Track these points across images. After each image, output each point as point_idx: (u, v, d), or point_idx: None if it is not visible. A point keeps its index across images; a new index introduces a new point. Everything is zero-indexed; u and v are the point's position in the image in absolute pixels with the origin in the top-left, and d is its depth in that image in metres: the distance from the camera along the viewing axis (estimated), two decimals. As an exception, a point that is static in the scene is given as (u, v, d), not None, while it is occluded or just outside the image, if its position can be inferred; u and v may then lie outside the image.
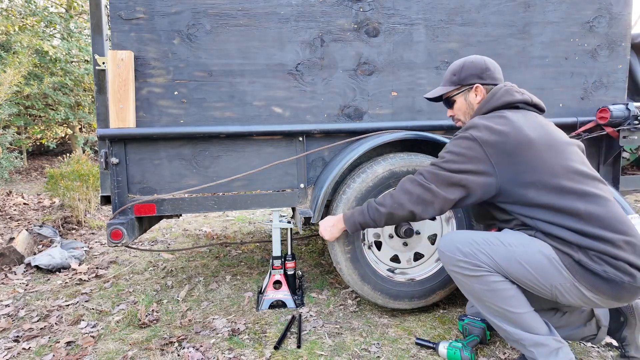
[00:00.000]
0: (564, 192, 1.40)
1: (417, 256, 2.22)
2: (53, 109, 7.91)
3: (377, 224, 1.71)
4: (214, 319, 2.19)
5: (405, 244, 2.17)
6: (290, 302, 2.29)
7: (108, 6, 2.11)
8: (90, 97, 8.55)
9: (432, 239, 2.24)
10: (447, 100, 1.78)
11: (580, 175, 1.42)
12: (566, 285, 1.38)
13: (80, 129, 9.45)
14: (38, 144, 9.54)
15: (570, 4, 2.32)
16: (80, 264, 3.08)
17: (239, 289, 2.58)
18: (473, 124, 1.53)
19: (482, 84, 1.67)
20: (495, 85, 1.68)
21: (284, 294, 2.30)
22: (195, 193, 2.11)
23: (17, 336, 2.05)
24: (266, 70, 2.11)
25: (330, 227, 1.88)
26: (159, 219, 2.48)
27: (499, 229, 1.60)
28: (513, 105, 1.58)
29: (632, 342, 1.62)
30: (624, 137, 2.31)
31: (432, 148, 2.40)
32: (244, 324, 2.12)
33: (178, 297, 2.47)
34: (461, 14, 2.23)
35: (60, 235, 3.81)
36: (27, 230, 3.52)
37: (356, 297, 2.41)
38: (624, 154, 2.77)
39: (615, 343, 1.77)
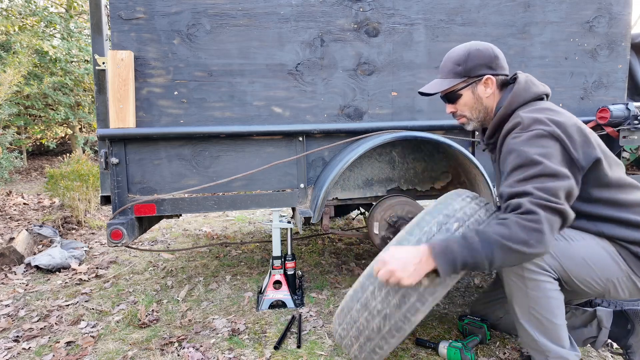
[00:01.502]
0: (620, 185, 1.35)
1: None
2: (53, 109, 7.91)
3: (490, 266, 1.23)
4: (214, 319, 2.19)
5: None
6: (290, 302, 2.29)
7: (108, 6, 2.11)
8: (90, 97, 8.56)
9: None
10: (450, 95, 1.54)
11: (622, 167, 1.41)
12: (622, 278, 1.36)
13: (80, 129, 9.45)
14: (38, 144, 9.54)
15: (570, 4, 2.32)
16: (80, 264, 3.08)
17: (239, 289, 2.58)
18: (534, 119, 1.32)
19: (493, 75, 1.48)
20: (505, 75, 1.52)
21: (284, 294, 2.30)
22: (195, 193, 2.11)
23: (17, 336, 2.05)
24: (266, 70, 2.11)
25: (414, 265, 1.26)
26: (159, 219, 2.48)
27: None
28: (539, 97, 1.46)
29: (638, 350, 1.61)
30: (624, 137, 2.31)
31: (432, 148, 2.40)
32: (244, 324, 2.12)
33: (178, 297, 2.47)
34: (461, 14, 2.23)
35: (60, 235, 3.81)
36: (27, 230, 3.52)
37: (356, 297, 2.41)
38: (624, 154, 2.77)
39: (615, 343, 1.77)
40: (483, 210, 1.44)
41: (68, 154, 6.44)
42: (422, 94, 1.59)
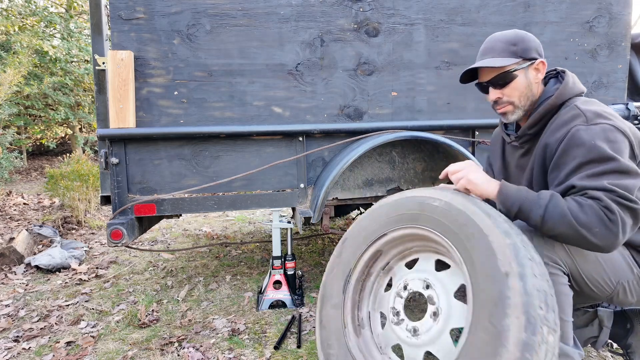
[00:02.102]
0: None
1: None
2: (53, 109, 7.91)
3: (540, 226, 1.21)
4: (214, 319, 2.19)
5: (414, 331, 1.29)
6: (290, 302, 2.29)
7: (108, 6, 2.11)
8: (90, 97, 8.56)
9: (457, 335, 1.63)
10: (502, 76, 1.38)
11: None
12: (633, 282, 1.35)
13: (80, 129, 9.45)
14: (38, 144, 9.54)
15: (570, 4, 2.32)
16: (80, 264, 3.08)
17: (239, 289, 2.58)
18: (596, 112, 1.25)
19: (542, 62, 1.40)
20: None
21: (284, 294, 2.30)
22: (195, 193, 2.11)
23: (17, 336, 2.05)
24: (266, 70, 2.11)
25: (484, 178, 1.31)
26: (159, 219, 2.48)
27: None
28: (581, 94, 1.40)
29: (638, 349, 1.61)
30: (624, 137, 2.31)
31: (432, 148, 2.40)
32: (244, 324, 2.12)
33: (178, 297, 2.47)
34: (461, 14, 2.23)
35: (60, 235, 3.81)
36: (27, 230, 3.51)
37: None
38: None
39: (615, 344, 1.77)
40: None
41: (68, 154, 6.44)
42: (462, 81, 1.45)
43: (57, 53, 7.21)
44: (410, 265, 1.46)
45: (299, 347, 1.87)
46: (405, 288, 1.37)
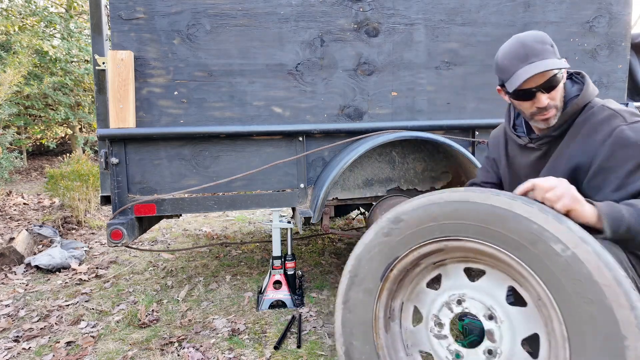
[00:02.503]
0: None
1: None
2: (53, 109, 7.91)
3: None
4: (214, 319, 2.19)
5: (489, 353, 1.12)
6: (290, 302, 2.29)
7: (108, 6, 2.11)
8: (90, 97, 8.56)
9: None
10: (554, 79, 1.29)
11: None
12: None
13: (80, 129, 9.45)
14: (38, 144, 9.54)
15: (570, 4, 2.32)
16: (80, 264, 3.08)
17: (239, 289, 2.58)
18: (629, 111, 1.24)
19: None
20: None
21: (284, 294, 2.30)
22: (195, 193, 2.11)
23: (17, 336, 2.05)
24: (266, 70, 2.11)
25: (573, 195, 1.11)
26: (159, 219, 2.48)
27: None
28: (596, 95, 1.42)
29: None
30: (624, 137, 2.31)
31: (432, 148, 2.40)
32: (244, 324, 2.12)
33: (178, 297, 2.47)
34: (461, 14, 2.23)
35: (60, 235, 3.81)
36: (27, 230, 3.51)
37: (356, 297, 2.41)
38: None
39: None
40: None
41: (68, 154, 6.44)
42: (516, 91, 1.30)
43: (57, 53, 7.21)
44: (467, 271, 1.23)
45: (299, 347, 1.88)
46: (459, 303, 1.17)
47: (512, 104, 1.50)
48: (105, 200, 2.32)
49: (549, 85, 1.29)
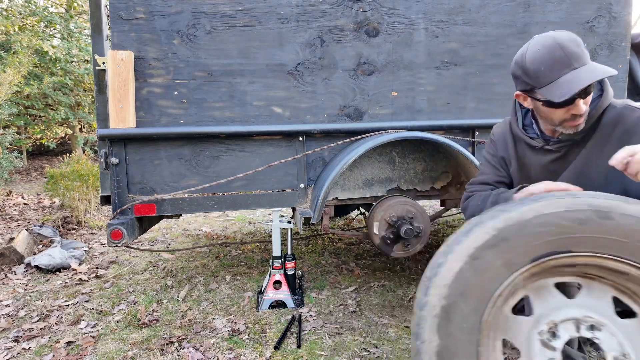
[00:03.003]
0: None
1: None
2: (53, 109, 7.91)
3: None
4: (214, 319, 2.19)
5: None
6: (290, 302, 2.29)
7: (108, 6, 2.11)
8: (90, 97, 8.55)
9: None
10: (590, 87, 1.21)
11: None
12: None
13: (80, 129, 9.45)
14: (38, 144, 9.54)
15: (570, 4, 2.32)
16: (80, 264, 3.08)
17: (239, 289, 2.58)
18: None
19: None
20: None
21: (284, 294, 2.30)
22: (195, 193, 2.11)
23: (17, 336, 2.05)
24: (266, 70, 2.11)
25: None
26: (159, 219, 2.48)
27: None
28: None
29: None
30: (624, 137, 2.31)
31: (432, 148, 2.40)
32: (244, 324, 2.12)
33: (178, 297, 2.47)
34: (461, 14, 2.23)
35: (60, 235, 3.81)
36: (27, 230, 3.51)
37: (356, 297, 2.41)
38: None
39: None
40: None
41: (68, 154, 6.44)
42: (571, 97, 1.19)
43: (57, 53, 7.21)
44: (560, 286, 1.02)
45: (299, 347, 1.88)
46: (592, 328, 0.98)
47: (518, 104, 1.43)
48: (105, 200, 2.32)
49: (588, 91, 1.21)
